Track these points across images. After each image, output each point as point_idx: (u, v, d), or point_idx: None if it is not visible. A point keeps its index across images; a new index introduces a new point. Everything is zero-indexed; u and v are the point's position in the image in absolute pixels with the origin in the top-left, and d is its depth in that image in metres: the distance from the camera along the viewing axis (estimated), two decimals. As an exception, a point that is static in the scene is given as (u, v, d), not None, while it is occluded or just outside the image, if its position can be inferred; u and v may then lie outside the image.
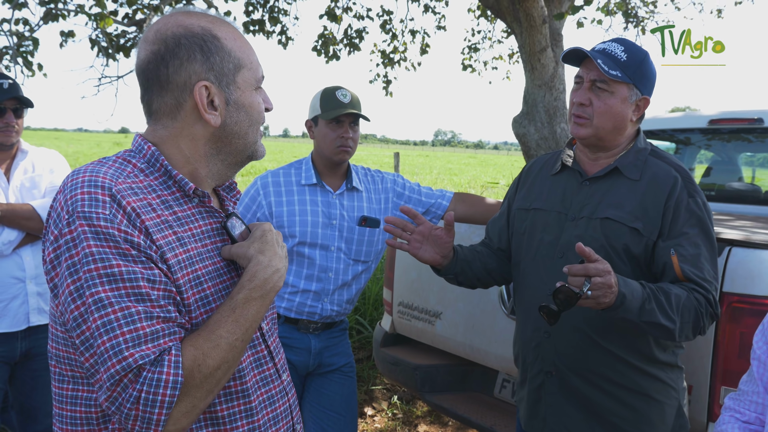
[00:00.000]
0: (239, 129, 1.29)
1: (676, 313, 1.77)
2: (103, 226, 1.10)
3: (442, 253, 2.04)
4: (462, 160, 50.96)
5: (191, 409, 1.10)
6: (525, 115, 4.77)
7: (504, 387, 2.87)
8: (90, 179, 1.15)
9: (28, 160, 2.69)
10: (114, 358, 1.06)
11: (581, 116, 1.95)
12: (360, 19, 8.51)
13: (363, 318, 5.26)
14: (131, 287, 1.10)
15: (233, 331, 1.15)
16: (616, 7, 8.01)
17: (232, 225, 1.33)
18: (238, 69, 1.28)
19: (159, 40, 1.25)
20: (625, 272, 1.90)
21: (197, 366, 1.10)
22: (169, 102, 1.26)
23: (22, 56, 5.60)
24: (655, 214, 1.88)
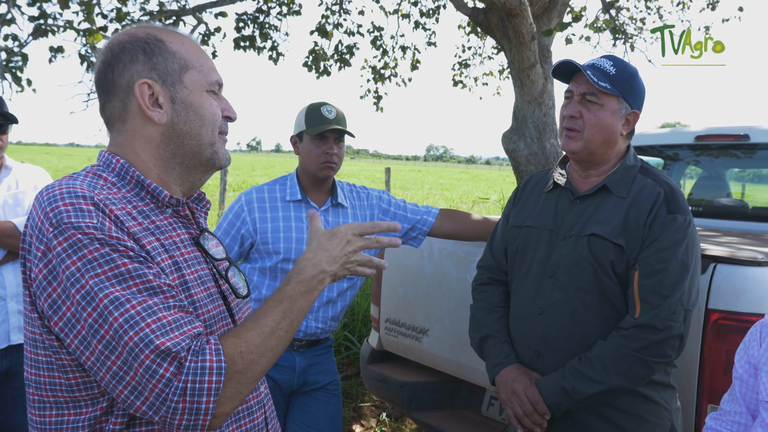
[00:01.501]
0: (189, 129, 1.28)
1: (603, 372, 1.83)
2: (95, 233, 1.10)
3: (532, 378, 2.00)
4: (454, 175, 51.07)
5: (235, 394, 1.11)
6: (515, 130, 4.78)
7: (492, 404, 2.84)
8: (68, 191, 1.14)
9: (11, 176, 2.67)
10: (146, 349, 1.05)
11: (572, 129, 1.96)
12: (351, 35, 8.55)
13: (352, 334, 5.22)
14: (141, 282, 1.10)
15: (278, 320, 1.18)
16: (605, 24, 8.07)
17: (205, 241, 1.34)
18: (184, 69, 1.28)
19: (107, 49, 1.28)
20: (614, 291, 1.90)
21: (239, 352, 1.12)
22: (117, 105, 1.27)
23: (11, 72, 5.57)
24: (636, 231, 1.89)
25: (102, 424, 1.17)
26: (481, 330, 2.16)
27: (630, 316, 1.85)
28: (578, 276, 1.93)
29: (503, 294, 2.20)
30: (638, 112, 2.00)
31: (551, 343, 1.97)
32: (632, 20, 8.84)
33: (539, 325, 1.99)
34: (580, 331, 1.93)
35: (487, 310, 2.18)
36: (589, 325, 1.92)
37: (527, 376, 1.98)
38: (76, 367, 1.15)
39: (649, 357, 1.81)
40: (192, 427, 1.08)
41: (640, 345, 1.81)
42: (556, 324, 1.96)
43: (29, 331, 1.19)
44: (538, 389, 1.93)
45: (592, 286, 1.92)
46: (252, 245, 2.44)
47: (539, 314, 1.99)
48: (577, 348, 1.92)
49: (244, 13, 7.70)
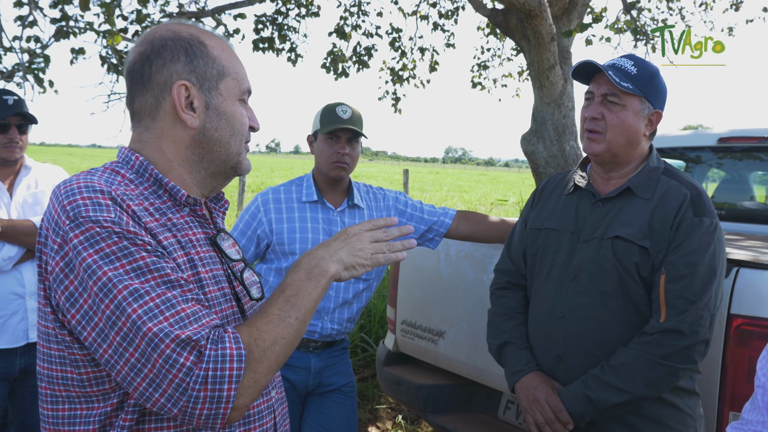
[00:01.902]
0: (220, 136, 1.29)
1: (629, 381, 1.79)
2: (113, 227, 1.10)
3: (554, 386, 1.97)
4: (472, 177, 50.91)
5: (253, 384, 1.10)
6: (534, 132, 4.75)
7: (508, 408, 2.81)
8: (86, 185, 1.15)
9: (31, 176, 2.70)
10: (166, 339, 1.05)
11: (594, 131, 1.93)
12: (369, 36, 8.55)
13: (368, 336, 5.21)
14: (159, 276, 1.10)
15: (284, 308, 1.18)
16: (626, 25, 7.99)
17: (221, 241, 1.33)
18: (221, 76, 1.28)
19: (147, 41, 1.27)
20: (639, 294, 1.87)
21: (253, 340, 1.12)
22: (149, 101, 1.27)
23: (33, 73, 5.64)
24: (662, 234, 1.84)
25: (112, 419, 1.17)
26: (499, 336, 2.14)
27: (655, 320, 1.81)
28: (601, 279, 1.90)
29: (522, 299, 2.17)
30: (661, 112, 1.97)
31: (573, 347, 1.93)
32: (654, 21, 8.74)
33: (560, 329, 1.96)
34: (603, 336, 1.89)
35: (506, 316, 2.15)
36: (612, 329, 1.89)
37: (549, 384, 1.95)
38: (88, 362, 1.15)
39: (675, 363, 1.77)
40: (213, 417, 1.08)
41: (666, 351, 1.77)
42: (579, 328, 1.92)
43: (42, 325, 1.20)
44: (560, 398, 1.90)
45: (616, 289, 1.88)
46: (268, 246, 2.44)
47: (560, 318, 1.96)
48: (599, 353, 1.89)
49: (263, 15, 7.74)
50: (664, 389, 1.82)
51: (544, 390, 1.93)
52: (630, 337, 1.87)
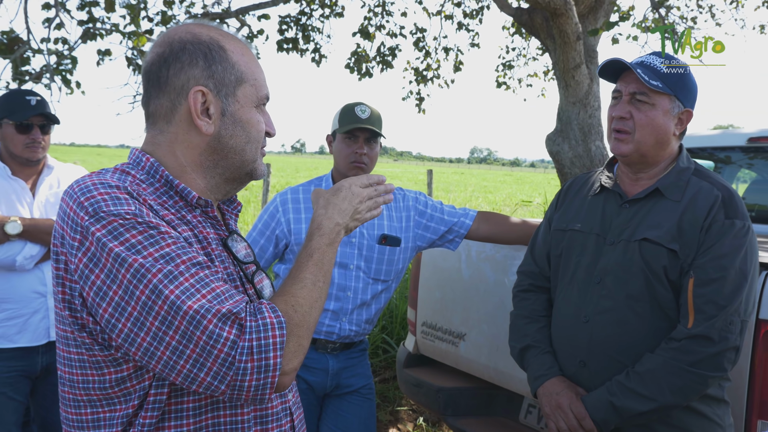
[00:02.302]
0: (235, 143, 1.28)
1: (655, 389, 1.74)
2: (135, 218, 1.10)
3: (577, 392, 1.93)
4: (497, 178, 50.64)
5: (298, 348, 1.14)
6: (559, 132, 4.69)
7: (530, 412, 2.77)
8: (101, 182, 1.15)
9: (53, 176, 2.72)
10: (208, 315, 1.06)
11: (622, 130, 1.87)
12: (393, 36, 8.53)
13: (390, 337, 5.19)
14: (188, 259, 1.11)
15: (315, 273, 1.23)
16: (654, 23, 7.86)
17: (233, 243, 1.32)
18: (240, 83, 1.27)
19: (165, 43, 1.26)
20: (667, 298, 1.81)
21: (291, 306, 1.15)
22: (165, 104, 1.26)
23: (61, 74, 5.72)
24: (691, 236, 1.79)
25: (133, 419, 1.17)
26: (522, 340, 2.10)
27: (682, 326, 1.76)
28: (628, 283, 1.85)
29: (545, 302, 2.13)
30: (691, 111, 1.91)
31: (598, 352, 1.88)
32: (683, 19, 8.60)
33: (585, 333, 1.91)
34: (629, 341, 1.84)
35: (529, 319, 2.11)
36: (638, 334, 1.84)
37: (572, 390, 1.91)
38: (110, 363, 1.14)
39: (704, 371, 1.71)
40: (262, 387, 1.09)
41: (694, 358, 1.71)
42: (604, 333, 1.87)
43: (61, 329, 1.19)
44: (584, 405, 1.86)
45: (642, 293, 1.83)
46: (287, 246, 2.43)
47: (585, 322, 1.91)
48: (624, 358, 1.84)
49: (287, 16, 7.76)
50: (693, 397, 1.76)
51: (567, 396, 1.89)
52: (657, 342, 1.81)
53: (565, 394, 1.89)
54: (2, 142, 2.60)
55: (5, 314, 2.53)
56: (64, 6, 5.53)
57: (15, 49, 5.26)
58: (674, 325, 1.81)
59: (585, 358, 1.91)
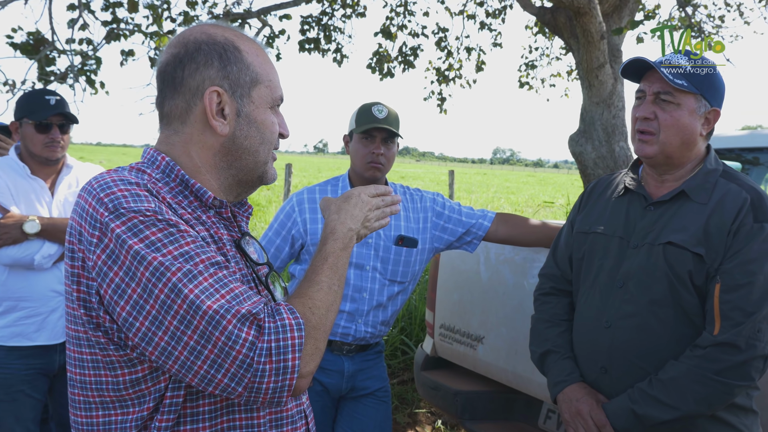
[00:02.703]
0: (249, 144, 1.27)
1: (678, 398, 1.69)
2: (156, 215, 1.10)
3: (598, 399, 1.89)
4: (520, 179, 50.31)
5: (315, 351, 1.13)
6: (582, 133, 4.63)
7: (549, 417, 2.72)
8: (119, 179, 1.15)
9: (72, 175, 2.73)
10: (228, 314, 1.05)
11: (646, 131, 1.82)
12: (415, 36, 8.50)
13: (409, 338, 5.16)
14: (207, 258, 1.10)
15: (330, 276, 1.23)
16: (680, 22, 7.73)
17: (246, 244, 1.31)
18: (254, 83, 1.26)
19: (180, 43, 1.25)
20: (692, 304, 1.76)
21: (308, 309, 1.15)
22: (180, 105, 1.25)
23: (86, 75, 5.78)
24: (718, 240, 1.73)
25: (147, 422, 1.15)
26: (542, 344, 2.05)
27: (708, 332, 1.70)
28: (651, 287, 1.80)
29: (567, 306, 2.08)
30: (719, 110, 1.84)
31: (619, 358, 1.84)
32: (710, 18, 8.44)
33: (606, 339, 1.86)
34: (652, 347, 1.79)
35: (550, 323, 2.06)
36: (661, 340, 1.78)
37: (593, 397, 1.86)
38: (124, 363, 1.13)
39: (730, 380, 1.66)
40: (279, 389, 1.08)
41: (720, 367, 1.66)
42: (626, 338, 1.82)
43: (72, 329, 1.18)
44: (604, 412, 1.81)
45: (666, 298, 1.77)
46: (302, 246, 2.41)
47: (606, 327, 1.86)
48: (647, 365, 1.79)
49: (309, 16, 7.76)
50: (718, 407, 1.71)
51: (587, 403, 1.84)
52: (680, 349, 1.76)
53: (585, 401, 1.85)
54: (22, 142, 2.62)
55: (23, 312, 2.55)
56: (89, 7, 5.58)
57: (40, 50, 5.32)
58: (699, 332, 1.76)
59: (606, 364, 1.86)
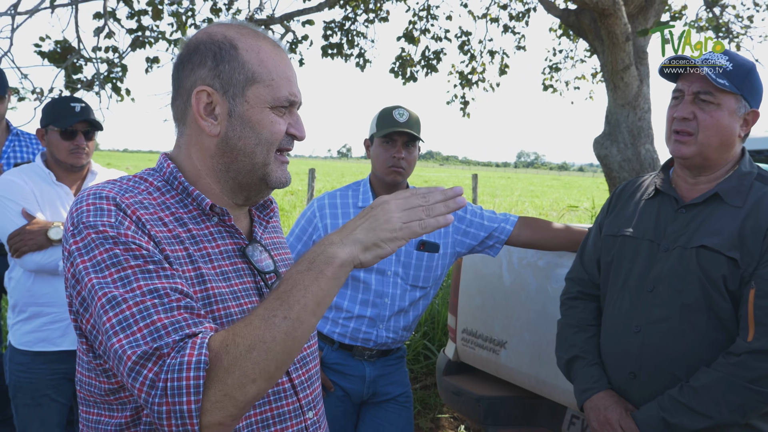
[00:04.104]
0: (244, 146, 1.22)
1: (712, 406, 1.64)
2: (108, 231, 1.08)
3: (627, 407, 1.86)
4: (545, 182, 49.94)
5: (223, 398, 0.96)
6: (607, 135, 4.58)
7: (573, 423, 2.68)
8: (94, 193, 1.14)
9: (97, 181, 2.76)
10: (129, 352, 0.99)
11: (684, 131, 1.78)
12: (438, 40, 8.49)
13: (431, 343, 5.13)
14: (146, 284, 1.04)
15: (271, 307, 1.01)
16: (707, 23, 7.62)
17: (252, 252, 1.27)
18: (250, 83, 1.21)
19: (185, 45, 1.25)
20: (725, 309, 1.72)
21: (225, 347, 0.97)
22: (180, 106, 1.25)
23: (112, 82, 5.86)
24: (754, 245, 1.69)
25: (129, 429, 1.14)
26: (569, 350, 2.02)
27: (742, 339, 1.66)
28: (683, 292, 1.76)
29: (595, 310, 2.05)
30: (758, 111, 1.80)
31: (649, 364, 1.80)
32: (738, 18, 8.30)
33: (636, 344, 1.83)
34: (683, 353, 1.75)
35: (577, 328, 2.03)
36: (693, 346, 1.75)
37: (622, 405, 1.83)
38: (101, 372, 1.15)
39: (765, 388, 1.62)
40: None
41: (755, 375, 1.62)
42: (656, 343, 1.79)
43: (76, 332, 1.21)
44: (634, 420, 1.77)
45: (699, 303, 1.74)
46: (324, 251, 2.40)
47: (636, 332, 1.83)
48: (677, 371, 1.75)
49: (332, 21, 7.80)
50: (752, 416, 1.67)
51: (616, 411, 1.81)
52: (713, 355, 1.72)
53: (614, 409, 1.82)
54: (47, 149, 2.66)
55: (49, 318, 2.58)
56: (115, 15, 5.66)
57: (67, 58, 5.41)
58: (731, 338, 1.72)
59: (635, 370, 1.83)
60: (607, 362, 1.93)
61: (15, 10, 4.79)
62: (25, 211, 2.51)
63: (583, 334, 2.01)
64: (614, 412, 1.81)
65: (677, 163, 1.88)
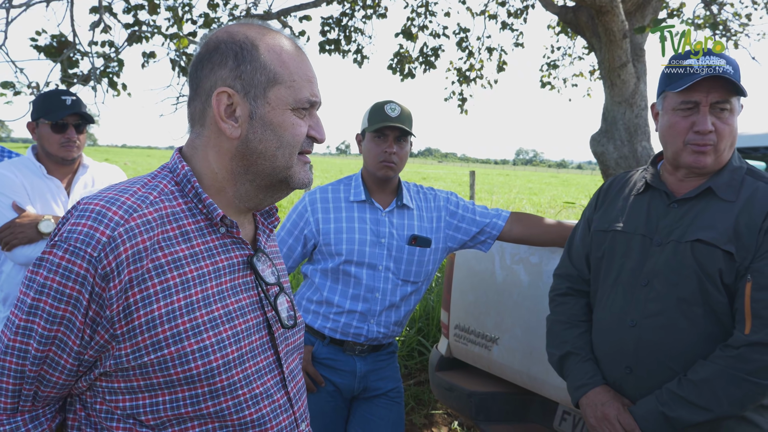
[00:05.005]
0: (264, 148, 1.19)
1: (712, 399, 1.64)
2: (58, 270, 1.06)
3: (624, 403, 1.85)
4: (543, 180, 49.94)
5: None
6: (604, 132, 4.58)
7: (564, 419, 2.68)
8: (101, 210, 1.09)
9: (88, 174, 2.75)
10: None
11: (706, 144, 1.76)
12: (436, 37, 8.47)
13: (426, 339, 5.13)
14: (20, 353, 1.09)
15: None
16: (705, 21, 7.61)
17: (258, 262, 1.26)
18: (271, 84, 1.18)
19: (205, 44, 1.22)
20: (721, 303, 1.72)
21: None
22: (198, 107, 1.22)
23: (108, 77, 5.85)
24: (749, 239, 1.69)
25: None
26: (561, 346, 2.01)
27: (739, 332, 1.67)
28: (678, 285, 1.76)
29: (585, 306, 2.04)
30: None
31: (646, 358, 1.80)
32: (736, 16, 8.29)
33: (632, 338, 1.82)
34: (680, 346, 1.75)
35: (568, 324, 2.03)
36: (689, 339, 1.75)
37: (619, 400, 1.83)
38: None
39: (763, 380, 1.63)
40: None
41: (754, 367, 1.62)
42: (652, 337, 1.79)
43: None
44: (632, 415, 1.77)
45: (695, 297, 1.74)
46: (315, 246, 2.40)
47: (631, 327, 1.82)
48: (674, 364, 1.75)
49: (329, 17, 7.78)
50: (749, 408, 1.68)
51: (614, 406, 1.81)
52: (708, 348, 1.72)
53: (611, 405, 1.81)
54: (38, 142, 2.64)
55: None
56: (111, 9, 5.64)
57: (63, 52, 5.40)
58: (726, 331, 1.73)
59: (631, 364, 1.82)
60: (601, 358, 1.93)
61: (10, 3, 4.78)
62: (15, 204, 2.50)
63: (574, 330, 2.00)
64: (612, 407, 1.81)
65: (695, 172, 1.83)
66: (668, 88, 1.80)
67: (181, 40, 5.14)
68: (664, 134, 1.84)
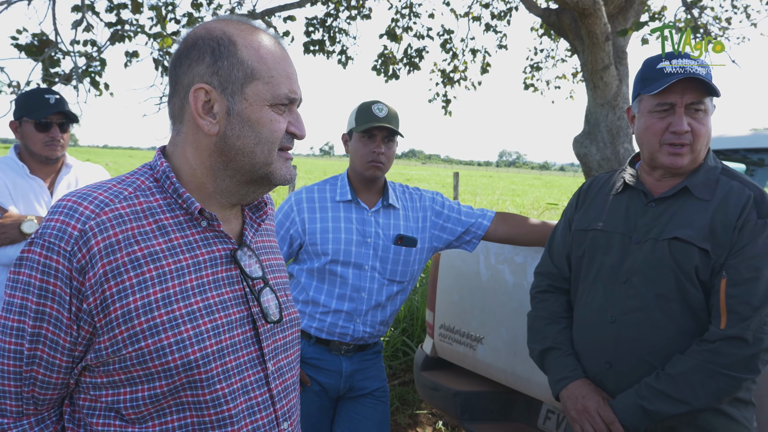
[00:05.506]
0: (243, 145, 1.19)
1: (689, 392, 1.69)
2: (38, 267, 1.09)
3: (604, 396, 1.87)
4: (526, 181, 50.21)
5: None
6: (586, 134, 4.62)
7: (548, 418, 2.71)
8: (72, 205, 1.12)
9: (72, 174, 2.73)
10: None
11: (683, 144, 1.80)
12: (420, 38, 8.51)
13: (410, 339, 5.14)
14: (13, 342, 1.11)
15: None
16: (686, 24, 7.70)
17: (241, 256, 1.25)
18: (249, 79, 1.17)
19: (183, 41, 1.22)
20: (697, 299, 1.77)
21: None
22: (177, 104, 1.21)
23: (90, 76, 5.80)
24: (724, 237, 1.74)
25: None
26: (542, 341, 2.04)
27: (715, 327, 1.71)
28: (657, 282, 1.80)
29: (565, 303, 2.07)
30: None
31: (625, 353, 1.83)
32: (716, 20, 8.41)
33: (611, 334, 1.86)
34: (658, 342, 1.79)
35: (549, 320, 2.05)
36: (667, 334, 1.79)
37: (599, 393, 1.86)
38: None
39: (738, 373, 1.67)
40: None
41: (729, 360, 1.67)
42: (631, 333, 1.82)
43: None
44: (612, 409, 1.80)
45: (673, 293, 1.78)
46: (301, 246, 2.40)
47: (611, 323, 1.86)
48: (653, 359, 1.79)
49: (314, 18, 7.78)
50: (725, 400, 1.72)
51: (594, 399, 1.83)
52: (685, 343, 1.76)
53: (591, 398, 1.84)
54: (21, 141, 2.62)
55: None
56: (93, 8, 5.60)
57: (45, 51, 5.34)
58: (702, 326, 1.77)
59: (611, 359, 1.86)
60: (581, 353, 1.96)
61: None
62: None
63: (555, 326, 2.03)
64: (592, 400, 1.83)
65: (671, 172, 1.87)
66: (643, 91, 1.85)
67: (164, 40, 5.11)
68: (641, 136, 1.88)
